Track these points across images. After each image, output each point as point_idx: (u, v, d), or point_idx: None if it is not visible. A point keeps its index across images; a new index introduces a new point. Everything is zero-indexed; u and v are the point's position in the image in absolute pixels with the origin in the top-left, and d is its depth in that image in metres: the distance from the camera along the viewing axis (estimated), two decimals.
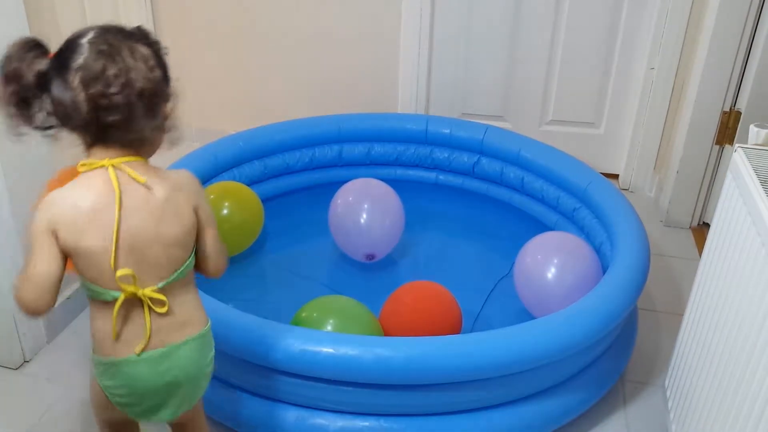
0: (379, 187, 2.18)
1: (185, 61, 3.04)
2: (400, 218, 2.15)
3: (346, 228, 2.12)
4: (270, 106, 3.03)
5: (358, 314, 1.71)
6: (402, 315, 1.76)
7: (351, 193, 2.15)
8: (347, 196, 2.15)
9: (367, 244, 2.10)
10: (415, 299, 1.80)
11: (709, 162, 2.48)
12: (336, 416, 1.58)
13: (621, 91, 2.78)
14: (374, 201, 2.12)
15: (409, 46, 2.81)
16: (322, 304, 1.73)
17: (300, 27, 2.88)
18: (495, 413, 1.60)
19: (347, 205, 2.12)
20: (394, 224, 2.14)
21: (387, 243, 2.15)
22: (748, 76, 2.32)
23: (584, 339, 1.60)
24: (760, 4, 2.23)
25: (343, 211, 2.12)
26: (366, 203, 2.10)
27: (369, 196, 2.13)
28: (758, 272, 1.19)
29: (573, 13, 2.68)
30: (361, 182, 2.20)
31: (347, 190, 2.17)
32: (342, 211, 2.12)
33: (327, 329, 1.63)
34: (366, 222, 2.08)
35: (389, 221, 2.12)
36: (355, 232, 2.10)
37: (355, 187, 2.17)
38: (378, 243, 2.12)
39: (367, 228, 2.09)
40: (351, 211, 2.11)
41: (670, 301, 2.20)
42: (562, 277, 1.84)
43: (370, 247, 2.11)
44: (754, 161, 1.35)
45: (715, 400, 1.33)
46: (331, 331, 1.63)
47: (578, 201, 2.21)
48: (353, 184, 2.19)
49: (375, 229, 2.10)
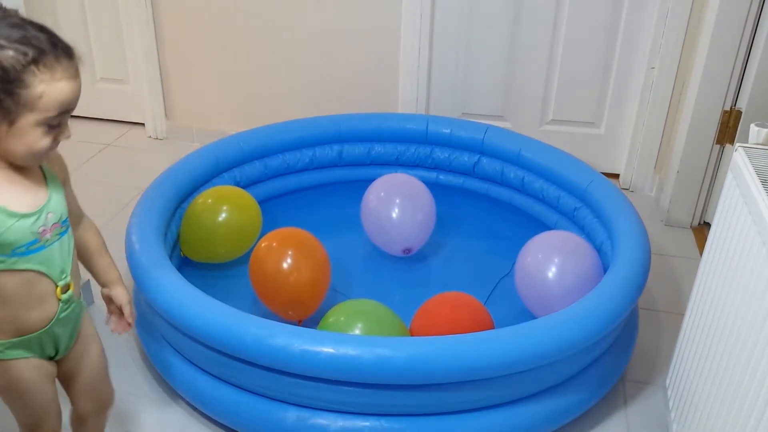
0: (410, 181, 2.24)
1: (185, 61, 3.04)
2: (431, 211, 2.20)
3: (380, 223, 2.16)
4: (270, 106, 3.03)
5: (385, 317, 1.71)
6: (437, 328, 1.71)
7: (383, 189, 2.20)
8: (379, 191, 2.20)
9: (405, 238, 2.16)
10: (451, 309, 1.77)
11: (710, 161, 2.48)
12: (337, 416, 1.58)
13: (621, 90, 2.78)
14: (407, 195, 2.17)
15: (409, 46, 2.81)
16: (348, 308, 1.73)
17: (300, 27, 2.88)
18: (496, 413, 1.60)
19: (380, 201, 2.17)
20: (428, 217, 2.19)
21: (422, 236, 2.19)
22: (748, 75, 2.31)
23: (585, 339, 1.60)
24: (760, 4, 2.23)
25: (377, 206, 2.17)
26: (398, 198, 2.16)
27: (401, 191, 2.18)
28: (759, 272, 1.19)
29: (573, 13, 2.68)
30: (391, 177, 2.26)
31: (379, 186, 2.21)
32: (375, 206, 2.17)
33: (355, 333, 1.64)
34: (400, 216, 2.14)
35: (422, 215, 2.17)
36: (388, 226, 2.15)
37: (386, 182, 2.23)
38: (414, 236, 2.17)
39: (400, 222, 2.14)
40: (385, 206, 2.16)
41: (671, 301, 2.20)
42: (562, 276, 1.84)
43: (407, 240, 2.16)
44: (754, 160, 1.35)
45: (716, 400, 1.33)
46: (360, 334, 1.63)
47: (579, 201, 2.21)
48: (383, 180, 2.24)
49: (408, 223, 2.15)
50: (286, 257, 1.88)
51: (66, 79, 1.09)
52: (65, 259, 1.23)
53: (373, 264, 2.26)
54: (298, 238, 1.95)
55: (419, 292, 2.16)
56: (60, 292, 1.23)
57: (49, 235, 1.19)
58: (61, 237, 1.21)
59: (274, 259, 1.89)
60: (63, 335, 1.28)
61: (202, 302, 1.63)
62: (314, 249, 1.94)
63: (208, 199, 2.12)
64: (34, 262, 1.17)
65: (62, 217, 1.21)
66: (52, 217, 1.19)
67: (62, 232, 1.21)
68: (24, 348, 1.23)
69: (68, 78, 1.09)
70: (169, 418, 1.74)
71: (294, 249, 1.90)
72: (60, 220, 1.21)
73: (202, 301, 1.63)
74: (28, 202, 1.16)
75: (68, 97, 1.10)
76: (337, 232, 2.38)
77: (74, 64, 1.11)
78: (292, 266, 1.87)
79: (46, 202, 1.18)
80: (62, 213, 1.21)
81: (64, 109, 1.11)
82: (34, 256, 1.17)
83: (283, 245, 1.91)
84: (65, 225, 1.22)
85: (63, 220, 1.22)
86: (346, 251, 2.26)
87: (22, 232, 1.14)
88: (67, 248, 1.23)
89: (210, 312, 1.60)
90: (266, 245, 1.93)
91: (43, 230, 1.17)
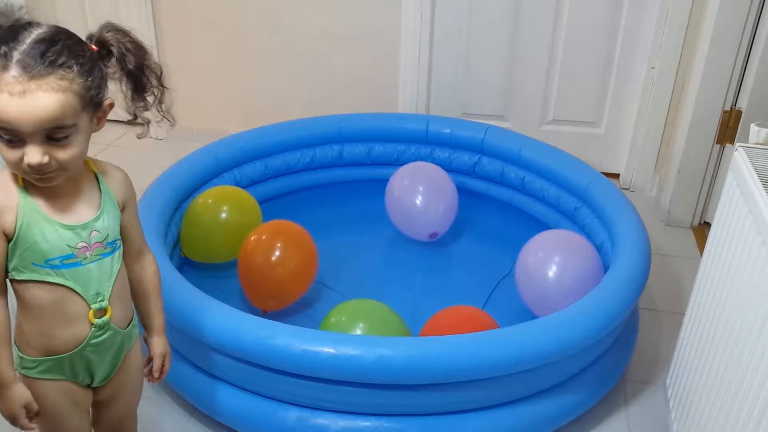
0: (430, 168, 2.32)
1: (185, 61, 3.04)
2: (453, 195, 2.28)
3: (407, 210, 2.24)
4: (270, 106, 3.03)
5: (387, 317, 1.71)
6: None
7: (406, 177, 2.28)
8: (402, 180, 2.27)
9: (431, 223, 2.24)
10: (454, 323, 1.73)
11: (710, 161, 2.48)
12: (337, 416, 1.58)
13: (622, 90, 2.78)
14: (429, 182, 2.25)
15: (409, 45, 2.81)
16: (350, 309, 1.73)
17: (300, 27, 2.88)
18: (496, 413, 1.60)
19: (404, 189, 2.25)
20: (451, 202, 2.28)
21: (447, 220, 2.27)
22: (748, 75, 2.31)
23: (585, 338, 1.60)
24: (760, 4, 2.23)
25: (401, 195, 2.25)
26: (421, 185, 2.24)
27: (423, 178, 2.26)
28: (759, 271, 1.19)
29: (573, 13, 2.68)
30: (412, 166, 2.34)
31: (402, 175, 2.29)
32: (400, 195, 2.25)
33: (357, 333, 1.64)
34: (424, 203, 2.22)
35: (445, 201, 2.25)
36: (416, 213, 2.23)
37: (408, 171, 2.30)
38: (439, 221, 2.25)
39: (425, 209, 2.23)
40: (409, 194, 2.24)
41: (671, 301, 2.20)
42: (563, 275, 1.84)
43: (433, 226, 2.24)
44: (755, 160, 1.35)
45: (716, 399, 1.33)
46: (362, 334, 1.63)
47: (579, 200, 2.21)
48: (405, 169, 2.32)
49: (433, 209, 2.24)
50: (274, 250, 1.91)
51: (7, 93, 0.97)
52: (104, 282, 1.15)
53: (372, 264, 2.26)
54: (286, 232, 1.99)
55: (419, 292, 2.17)
56: (93, 315, 1.15)
57: (89, 253, 1.12)
58: (103, 258, 1.14)
59: (261, 253, 1.92)
60: (99, 363, 1.20)
61: (202, 302, 1.63)
62: (302, 242, 1.98)
63: (208, 199, 2.12)
64: (68, 277, 1.11)
65: (109, 239, 1.15)
66: (96, 236, 1.13)
67: (105, 253, 1.15)
68: (55, 370, 1.17)
69: (10, 93, 0.97)
70: (168, 418, 1.74)
71: (282, 241, 1.94)
72: (105, 241, 1.14)
73: (202, 301, 1.63)
74: (73, 214, 1.11)
75: (5, 115, 0.97)
76: (337, 232, 2.38)
77: (30, 80, 0.97)
78: (279, 258, 1.90)
79: (94, 218, 1.13)
80: (110, 234, 1.15)
81: (3, 126, 0.99)
82: (69, 271, 1.11)
83: (271, 238, 1.95)
84: (111, 246, 1.16)
85: (110, 241, 1.15)
86: (345, 251, 2.26)
87: (58, 242, 1.09)
88: (109, 271, 1.16)
89: (210, 312, 1.59)
90: (255, 238, 1.96)
91: (83, 246, 1.11)
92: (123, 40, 1.12)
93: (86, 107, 1.05)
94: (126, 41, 1.12)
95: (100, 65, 1.08)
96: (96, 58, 1.08)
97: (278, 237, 1.96)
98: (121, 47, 1.11)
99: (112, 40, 1.11)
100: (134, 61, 1.13)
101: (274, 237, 1.95)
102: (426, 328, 1.74)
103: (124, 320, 1.22)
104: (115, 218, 1.17)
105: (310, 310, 1.98)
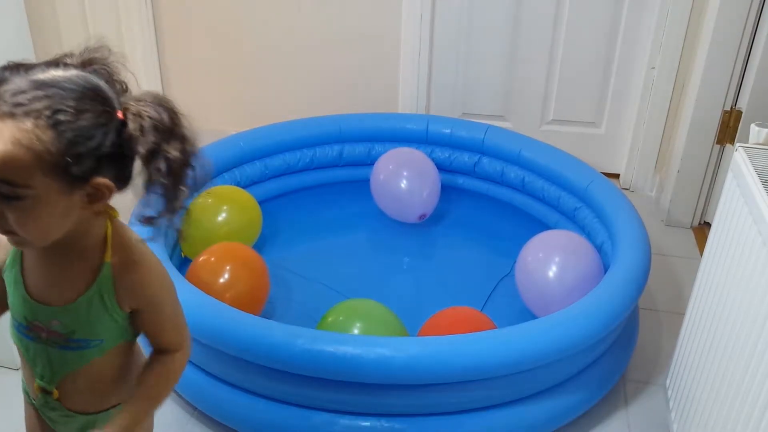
0: (411, 152, 2.40)
1: (185, 62, 3.03)
2: (436, 177, 2.36)
3: (394, 194, 2.31)
4: (270, 106, 3.03)
5: (384, 317, 1.71)
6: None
7: (390, 162, 2.34)
8: (387, 164, 2.34)
9: (419, 205, 2.31)
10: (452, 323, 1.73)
11: (710, 161, 2.48)
12: (337, 416, 1.58)
13: (622, 90, 2.78)
14: (412, 166, 2.32)
15: (409, 45, 2.81)
16: (347, 308, 1.73)
17: (301, 27, 2.88)
18: (496, 413, 1.60)
19: (389, 173, 2.32)
20: (434, 184, 2.35)
21: (432, 201, 2.34)
22: (749, 75, 2.31)
23: (585, 338, 1.60)
24: (760, 4, 2.23)
25: (387, 179, 2.32)
26: (405, 170, 2.31)
27: (406, 162, 2.33)
28: (759, 271, 1.19)
29: (573, 13, 2.68)
30: (395, 152, 2.40)
31: (386, 161, 2.36)
32: (385, 179, 2.32)
33: (354, 333, 1.63)
34: (409, 186, 2.30)
35: (429, 182, 2.32)
36: (405, 197, 2.30)
37: (391, 156, 2.38)
38: (425, 203, 2.32)
39: (410, 192, 2.29)
40: (395, 178, 2.30)
41: (671, 301, 2.20)
42: (563, 275, 1.84)
43: (421, 207, 2.31)
44: (755, 160, 1.35)
45: (716, 399, 1.33)
46: (359, 334, 1.63)
47: (579, 201, 2.21)
48: (388, 156, 2.39)
49: (418, 191, 2.31)
50: (223, 272, 1.83)
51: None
52: (56, 370, 0.98)
53: (372, 264, 2.26)
54: (235, 253, 1.91)
55: (419, 292, 2.17)
56: (37, 389, 1.01)
57: (44, 335, 0.96)
58: (61, 350, 0.96)
59: (210, 274, 1.83)
60: (61, 426, 1.06)
61: (202, 302, 1.63)
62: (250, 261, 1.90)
63: (208, 199, 2.12)
64: (20, 341, 0.99)
65: (76, 335, 0.95)
66: (56, 326, 0.95)
67: (66, 347, 0.96)
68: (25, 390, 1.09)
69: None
70: (168, 418, 1.74)
71: (230, 264, 1.85)
72: (69, 336, 0.95)
73: (201, 301, 1.63)
74: (45, 289, 0.95)
75: None
76: (337, 232, 2.38)
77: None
78: (228, 281, 1.82)
79: (61, 308, 0.94)
80: (79, 332, 0.95)
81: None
82: (21, 339, 0.99)
83: (220, 260, 1.87)
84: (77, 344, 0.96)
85: (76, 338, 0.95)
86: (345, 251, 2.26)
87: (19, 307, 0.96)
88: (66, 364, 0.97)
89: (209, 311, 1.59)
90: (204, 259, 1.88)
91: (37, 326, 0.96)
92: (146, 113, 0.88)
93: (53, 174, 0.82)
94: (148, 115, 0.88)
95: (114, 137, 0.86)
96: (112, 129, 0.86)
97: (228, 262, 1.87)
98: (139, 123, 0.87)
99: (133, 110, 0.88)
100: (151, 143, 0.87)
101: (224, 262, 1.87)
102: (424, 329, 1.74)
103: (89, 407, 1.03)
104: (99, 321, 0.95)
105: (308, 310, 1.97)
